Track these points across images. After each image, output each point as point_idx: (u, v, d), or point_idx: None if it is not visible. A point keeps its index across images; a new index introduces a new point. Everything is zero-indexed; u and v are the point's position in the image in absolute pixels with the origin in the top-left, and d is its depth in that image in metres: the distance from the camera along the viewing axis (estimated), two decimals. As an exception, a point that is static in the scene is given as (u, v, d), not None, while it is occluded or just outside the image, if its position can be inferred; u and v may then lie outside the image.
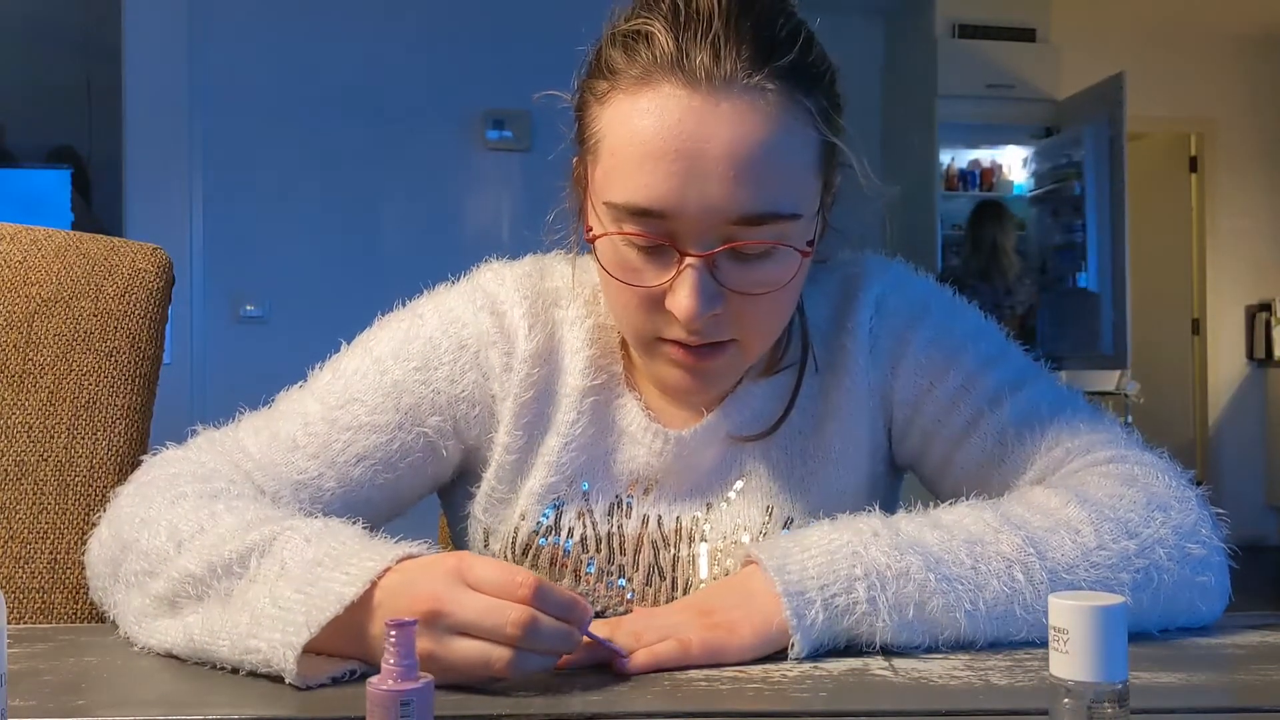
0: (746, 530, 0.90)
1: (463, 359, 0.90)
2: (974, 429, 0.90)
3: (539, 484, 0.90)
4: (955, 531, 0.75)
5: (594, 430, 0.91)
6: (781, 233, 0.79)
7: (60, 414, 0.98)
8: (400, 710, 0.50)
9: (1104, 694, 0.50)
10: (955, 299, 0.96)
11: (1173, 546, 0.77)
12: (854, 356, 0.92)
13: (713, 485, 0.92)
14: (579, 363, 0.91)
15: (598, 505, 0.91)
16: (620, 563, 0.90)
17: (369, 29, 4.15)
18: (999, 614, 0.73)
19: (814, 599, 0.71)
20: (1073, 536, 0.75)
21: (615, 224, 0.80)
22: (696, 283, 0.77)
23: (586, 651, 0.69)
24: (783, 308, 0.84)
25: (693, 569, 0.91)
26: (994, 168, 6.36)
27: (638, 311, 0.81)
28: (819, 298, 0.94)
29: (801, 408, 0.92)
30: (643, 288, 0.80)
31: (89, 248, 1.04)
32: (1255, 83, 6.36)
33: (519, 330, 0.90)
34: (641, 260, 0.80)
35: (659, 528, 0.91)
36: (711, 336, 0.81)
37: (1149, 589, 0.75)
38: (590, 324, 0.92)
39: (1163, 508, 0.79)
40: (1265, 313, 6.37)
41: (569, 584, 0.90)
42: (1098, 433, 0.88)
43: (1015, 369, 0.92)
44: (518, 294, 0.91)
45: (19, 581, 0.95)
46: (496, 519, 0.92)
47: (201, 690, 0.66)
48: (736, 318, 0.81)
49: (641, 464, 0.91)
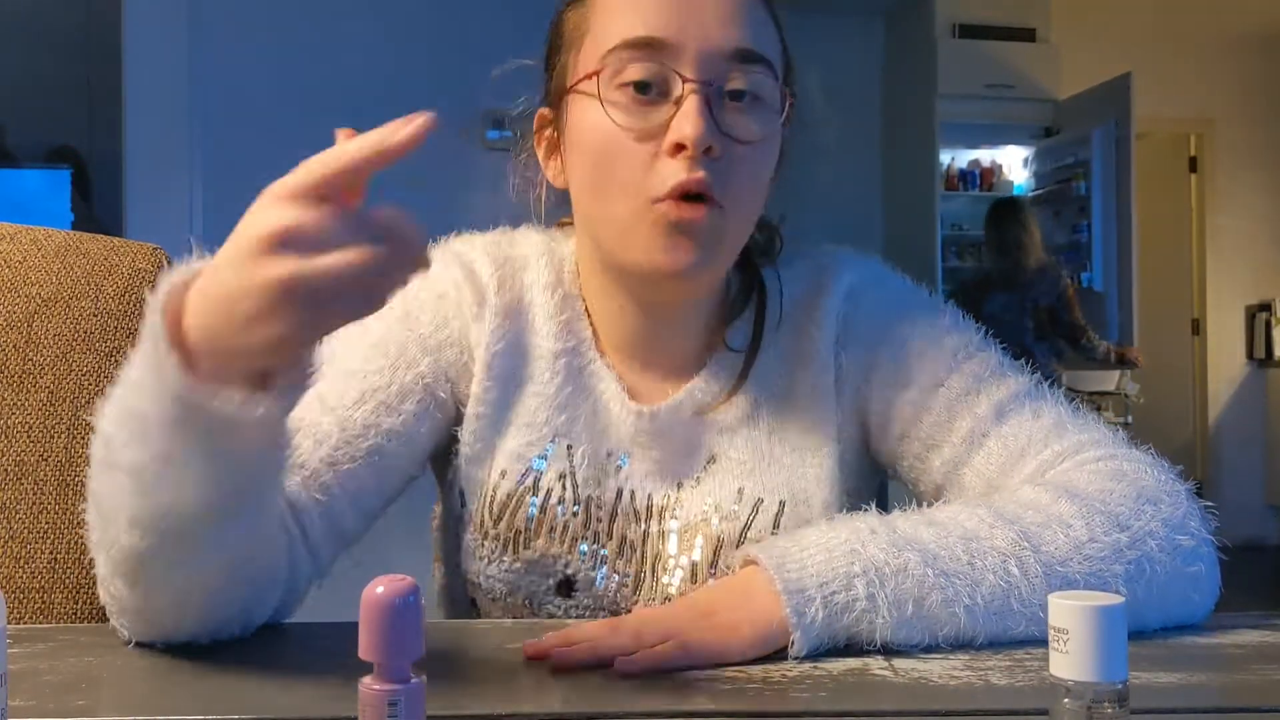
0: (717, 510, 0.91)
1: (443, 308, 0.93)
2: (953, 429, 0.90)
3: (518, 442, 0.92)
4: (951, 528, 0.76)
5: (571, 389, 0.93)
6: (763, 83, 0.85)
7: (60, 414, 0.98)
8: (388, 710, 0.50)
9: (1104, 694, 0.50)
10: (932, 297, 0.97)
11: (1163, 538, 0.78)
12: (818, 343, 0.93)
13: (683, 465, 0.93)
14: (552, 327, 0.93)
15: (580, 468, 0.92)
16: (596, 529, 0.92)
17: (369, 29, 4.15)
18: (996, 608, 0.73)
19: (813, 596, 0.72)
20: (1065, 530, 0.76)
21: (614, 74, 0.84)
22: (699, 105, 0.81)
23: (586, 651, 0.69)
24: (758, 180, 0.87)
25: (663, 544, 0.92)
26: (994, 168, 6.36)
27: (633, 170, 0.83)
28: (789, 281, 0.96)
29: (768, 391, 0.94)
30: (644, 134, 0.83)
31: (89, 248, 1.04)
32: (1255, 83, 6.36)
33: (489, 286, 0.94)
34: (639, 104, 0.83)
35: (631, 502, 0.92)
36: (708, 179, 0.82)
37: (1142, 580, 0.76)
38: (560, 293, 0.95)
39: (1152, 501, 0.79)
40: (1265, 313, 6.37)
41: (543, 544, 0.91)
42: (1085, 433, 0.88)
43: (993, 370, 0.92)
44: (486, 256, 0.95)
45: (19, 581, 0.95)
46: (474, 481, 0.93)
47: (201, 690, 0.66)
48: (724, 173, 0.83)
49: (616, 433, 0.93)
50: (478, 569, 0.92)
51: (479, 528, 0.92)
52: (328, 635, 0.78)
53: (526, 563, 0.91)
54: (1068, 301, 4.59)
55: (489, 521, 0.92)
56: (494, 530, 0.92)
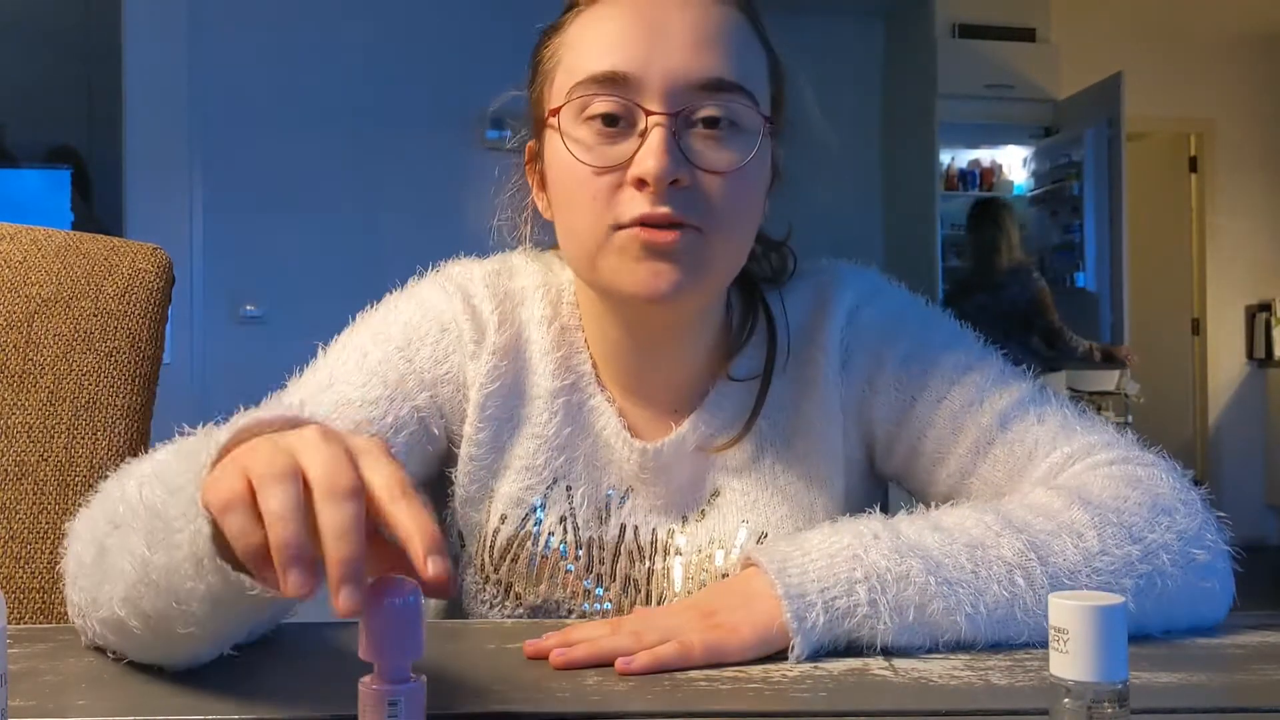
0: (721, 546, 0.90)
1: (445, 341, 0.91)
2: (958, 441, 0.89)
3: (516, 486, 0.90)
4: (956, 535, 0.75)
5: (570, 430, 0.91)
6: (737, 110, 0.83)
7: (60, 414, 0.98)
8: (388, 710, 0.50)
9: (1104, 694, 0.50)
10: (930, 308, 0.96)
11: (1178, 552, 0.76)
12: (824, 370, 0.92)
13: (687, 500, 0.92)
14: (549, 364, 0.92)
15: (581, 510, 0.91)
16: (599, 571, 0.91)
17: (368, 28, 4.15)
18: (999, 618, 0.73)
19: (814, 601, 0.71)
20: (1075, 540, 0.75)
21: (581, 108, 0.83)
22: (663, 140, 0.80)
23: (586, 651, 0.69)
24: (741, 202, 0.84)
25: (667, 582, 0.91)
26: (994, 168, 6.36)
27: (597, 200, 0.82)
28: (791, 306, 0.94)
29: (773, 421, 0.92)
30: (606, 168, 0.82)
31: (89, 248, 1.04)
32: (1255, 83, 6.35)
33: (489, 324, 0.92)
34: (605, 139, 0.82)
35: (635, 539, 0.91)
36: (675, 212, 0.81)
37: (1152, 595, 0.75)
38: (556, 326, 0.93)
39: (1168, 511, 0.78)
40: (1265, 313, 6.37)
41: (546, 589, 0.90)
42: (1094, 435, 0.87)
43: (995, 378, 0.91)
44: (486, 290, 0.93)
45: (19, 581, 0.95)
46: (472, 523, 0.92)
47: (201, 690, 0.66)
48: (697, 200, 0.82)
49: (618, 471, 0.91)
50: (480, 613, 0.92)
51: (480, 570, 0.92)
52: (328, 635, 0.78)
53: (530, 609, 0.91)
54: (1042, 304, 4.62)
55: (489, 566, 0.91)
56: (495, 575, 0.91)
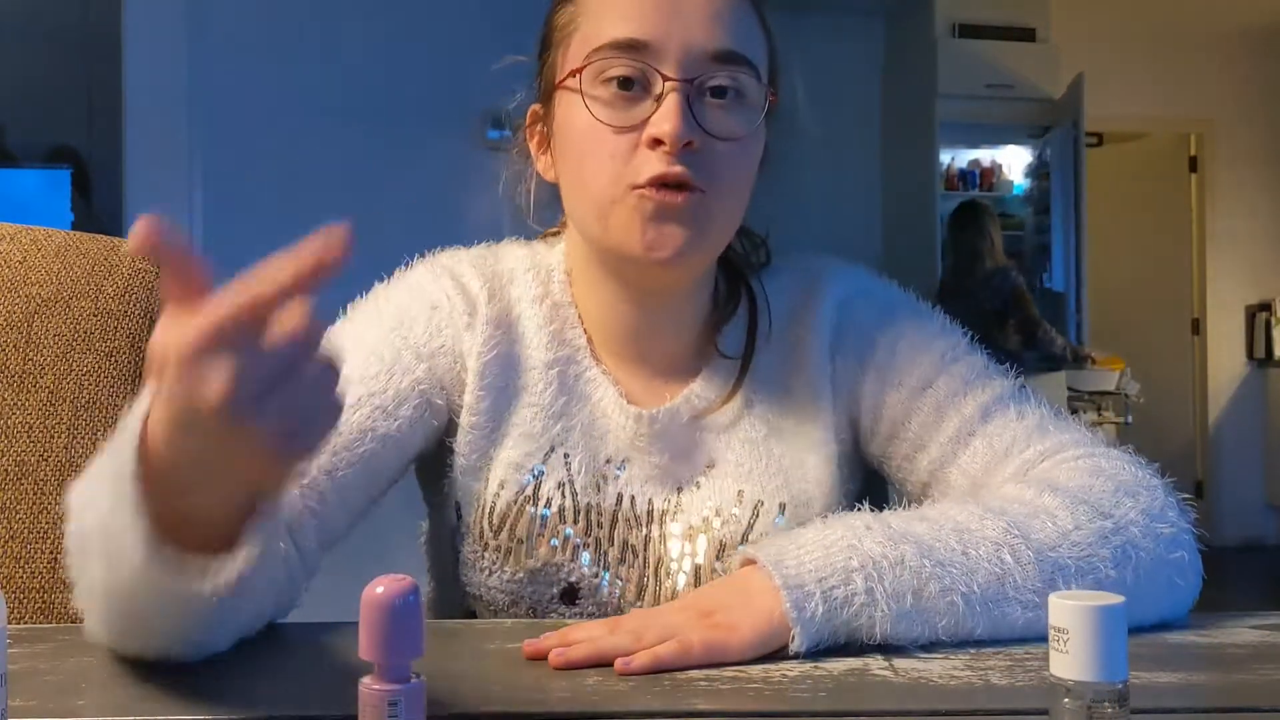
0: (718, 514, 0.92)
1: (436, 318, 0.94)
2: (940, 429, 0.92)
3: (516, 453, 0.92)
4: (943, 522, 0.78)
5: (565, 399, 0.94)
6: (745, 82, 0.87)
7: (60, 414, 0.98)
8: (389, 710, 0.50)
9: (1104, 694, 0.50)
10: (919, 303, 1.00)
11: (1144, 526, 0.80)
12: (812, 351, 0.95)
13: (682, 469, 0.94)
14: (543, 338, 0.94)
15: (579, 476, 0.92)
16: (597, 535, 0.92)
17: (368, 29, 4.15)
18: (992, 595, 0.74)
19: (813, 591, 0.72)
20: (1051, 520, 0.78)
21: (599, 72, 0.86)
22: (678, 104, 0.84)
23: (586, 651, 0.69)
24: (742, 170, 0.89)
25: (664, 548, 0.92)
26: (994, 168, 6.36)
27: (615, 159, 0.85)
28: (777, 291, 0.98)
29: (764, 397, 0.95)
30: (624, 128, 0.85)
31: (89, 248, 1.04)
32: (1255, 83, 6.36)
33: (479, 298, 0.95)
34: (622, 100, 0.86)
35: (631, 507, 0.93)
36: (685, 173, 0.84)
37: (1129, 566, 0.78)
38: (549, 303, 0.96)
39: (1130, 494, 0.82)
40: (1265, 313, 6.37)
41: (545, 554, 0.91)
42: (1066, 434, 0.91)
43: (979, 372, 0.94)
44: (473, 270, 0.97)
45: (19, 581, 0.95)
46: (470, 492, 0.93)
47: (201, 690, 0.66)
48: (705, 164, 0.85)
49: (615, 440, 0.93)
50: (479, 581, 0.92)
51: (478, 539, 0.92)
52: (328, 635, 0.78)
53: (529, 572, 0.91)
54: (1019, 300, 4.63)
55: (489, 532, 0.92)
56: (494, 541, 0.92)
